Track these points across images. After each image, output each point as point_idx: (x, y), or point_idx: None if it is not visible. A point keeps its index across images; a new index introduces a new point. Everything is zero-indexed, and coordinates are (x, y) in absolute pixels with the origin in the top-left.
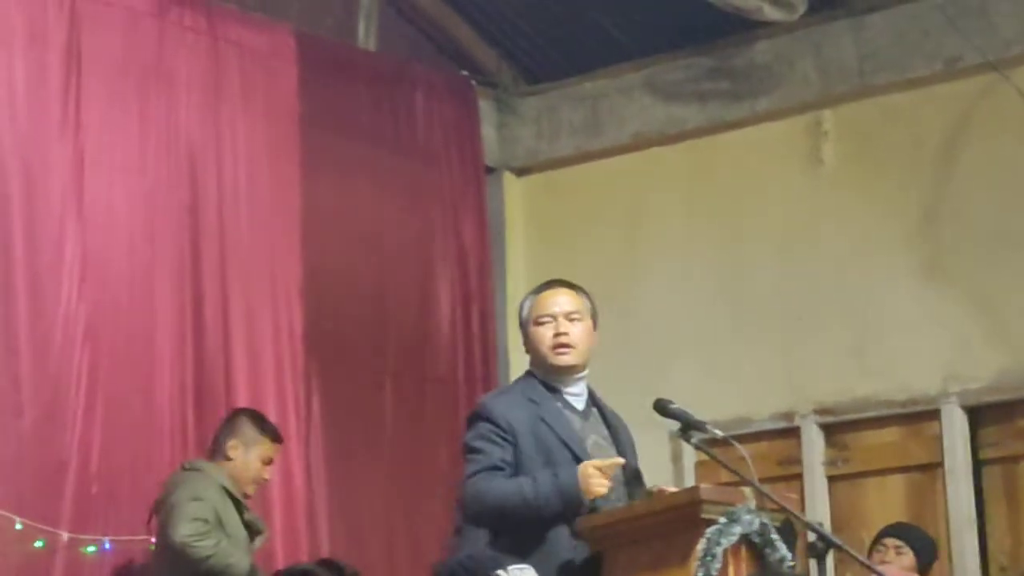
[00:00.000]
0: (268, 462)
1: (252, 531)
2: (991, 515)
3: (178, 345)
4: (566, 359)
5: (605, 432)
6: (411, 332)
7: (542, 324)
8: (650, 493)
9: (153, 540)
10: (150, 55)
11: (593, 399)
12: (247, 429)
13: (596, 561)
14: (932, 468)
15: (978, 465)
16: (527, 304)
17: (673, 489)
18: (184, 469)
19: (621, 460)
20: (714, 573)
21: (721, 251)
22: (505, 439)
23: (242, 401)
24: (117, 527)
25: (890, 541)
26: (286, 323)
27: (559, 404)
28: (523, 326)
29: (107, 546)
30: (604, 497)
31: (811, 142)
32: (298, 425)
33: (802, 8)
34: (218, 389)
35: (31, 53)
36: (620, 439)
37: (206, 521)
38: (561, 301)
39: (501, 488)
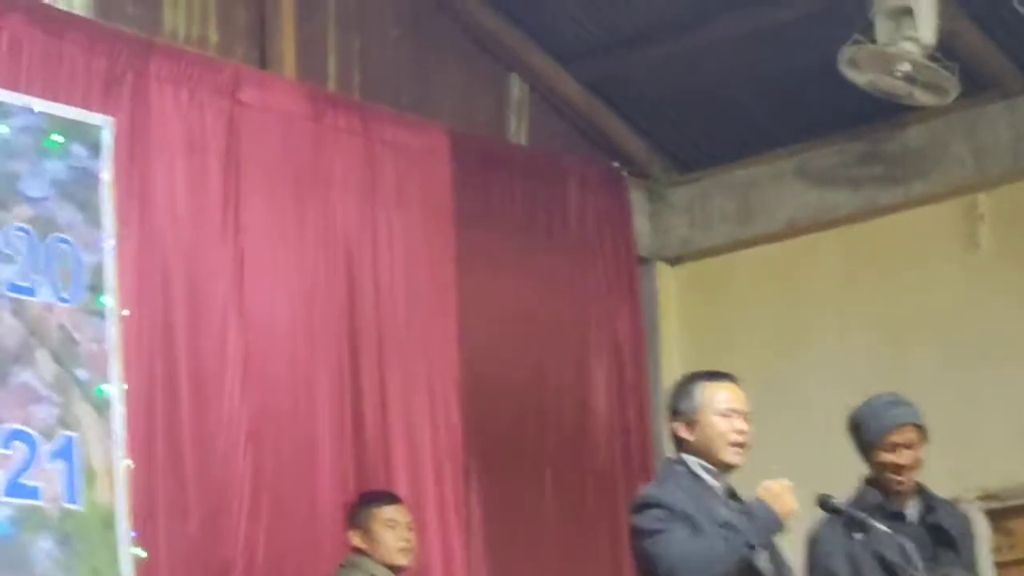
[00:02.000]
0: (393, 526)
1: None
2: None
3: (339, 445)
4: (741, 458)
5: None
6: (569, 425)
7: (728, 417)
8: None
9: None
10: (306, 158)
11: (734, 495)
12: (355, 514)
13: None
14: None
15: None
16: (701, 391)
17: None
18: (341, 566)
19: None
20: None
21: (880, 337)
22: (681, 519)
23: (403, 500)
24: None
25: None
26: (443, 418)
27: (710, 497)
28: (692, 412)
29: None
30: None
31: (967, 225)
32: (458, 521)
33: (954, 92)
34: (379, 488)
35: (192, 160)
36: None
37: None
38: (740, 399)
39: (701, 544)
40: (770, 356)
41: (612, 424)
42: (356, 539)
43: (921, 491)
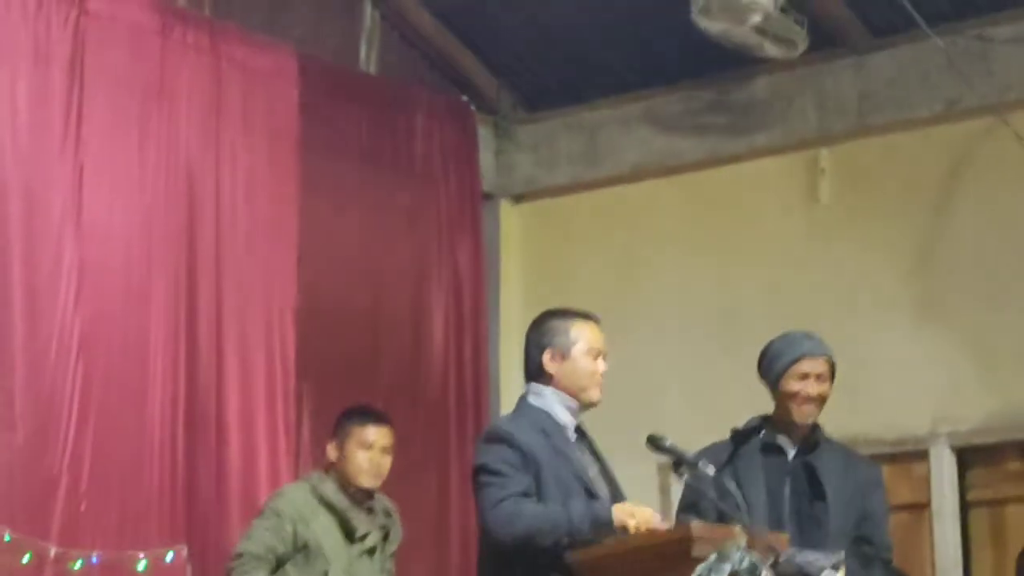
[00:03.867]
0: (369, 447)
1: (353, 534)
2: (977, 557)
3: (171, 364)
4: (600, 396)
5: (597, 466)
6: (404, 356)
7: (596, 358)
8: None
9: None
10: (153, 72)
11: (581, 431)
12: (338, 425)
13: None
14: (920, 508)
15: (965, 507)
16: (576, 329)
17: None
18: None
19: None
20: None
21: (716, 285)
22: (527, 468)
23: (233, 421)
24: (104, 542)
25: None
26: (279, 344)
27: (562, 436)
28: (566, 348)
29: (94, 561)
30: None
31: (808, 179)
32: (288, 447)
33: (803, 46)
34: (209, 408)
35: (35, 69)
36: (609, 472)
37: (256, 557)
38: (603, 340)
39: (533, 512)
40: (608, 299)
41: (448, 358)
42: (331, 452)
43: (816, 434)
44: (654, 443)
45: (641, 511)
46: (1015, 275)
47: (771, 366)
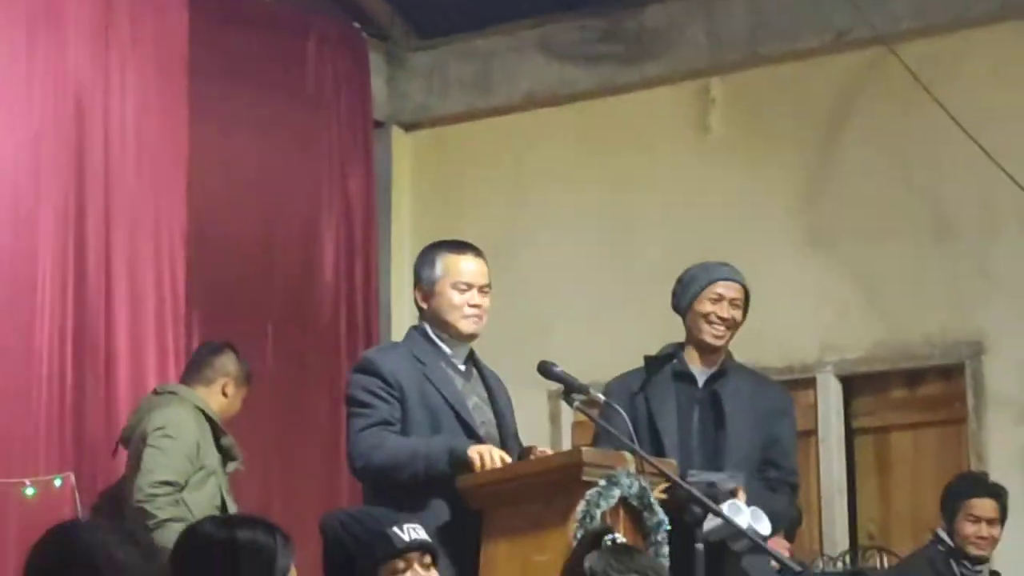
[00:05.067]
0: (240, 403)
1: (227, 456)
2: (862, 484)
3: (59, 291)
4: (475, 328)
5: (484, 394)
6: (295, 282)
7: (460, 290)
8: (523, 454)
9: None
10: None
11: (473, 359)
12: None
13: (476, 520)
14: (806, 436)
15: (851, 434)
16: (442, 262)
17: (547, 451)
18: (156, 394)
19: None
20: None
21: (608, 213)
22: (392, 395)
23: (122, 348)
24: None
25: None
26: (168, 270)
27: (443, 363)
28: (431, 282)
29: None
30: None
31: (699, 109)
32: (178, 374)
33: None
34: (98, 335)
35: None
36: (498, 401)
37: (173, 484)
38: (479, 272)
39: (393, 444)
40: (500, 226)
41: (338, 285)
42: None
43: (725, 362)
44: (545, 370)
45: (490, 450)
46: (903, 206)
47: (686, 290)
